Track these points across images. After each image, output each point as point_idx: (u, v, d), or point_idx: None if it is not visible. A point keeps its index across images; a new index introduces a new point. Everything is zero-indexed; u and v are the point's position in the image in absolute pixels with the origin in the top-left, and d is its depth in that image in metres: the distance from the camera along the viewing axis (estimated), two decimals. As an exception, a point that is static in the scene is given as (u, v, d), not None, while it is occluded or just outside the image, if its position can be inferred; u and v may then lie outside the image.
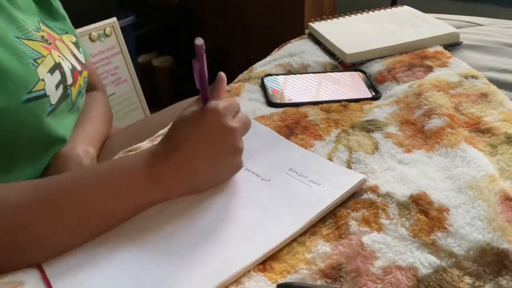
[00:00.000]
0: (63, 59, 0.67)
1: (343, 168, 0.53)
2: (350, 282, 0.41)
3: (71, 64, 0.69)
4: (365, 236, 0.45)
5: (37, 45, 0.63)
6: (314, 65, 0.82)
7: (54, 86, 0.63)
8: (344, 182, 0.50)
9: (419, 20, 0.91)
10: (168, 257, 0.43)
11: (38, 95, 0.59)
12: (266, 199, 0.49)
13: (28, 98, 0.58)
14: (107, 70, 1.61)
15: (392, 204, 0.48)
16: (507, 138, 0.56)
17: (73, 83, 0.68)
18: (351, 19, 0.96)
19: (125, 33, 1.66)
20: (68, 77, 0.67)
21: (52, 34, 0.70)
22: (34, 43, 0.63)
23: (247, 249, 0.43)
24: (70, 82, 0.67)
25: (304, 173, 0.52)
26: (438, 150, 0.55)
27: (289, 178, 0.52)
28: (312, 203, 0.47)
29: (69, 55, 0.70)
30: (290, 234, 0.44)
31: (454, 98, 0.65)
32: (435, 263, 0.41)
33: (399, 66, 0.76)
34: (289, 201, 0.48)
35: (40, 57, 0.62)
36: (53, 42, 0.68)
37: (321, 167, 0.53)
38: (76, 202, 0.44)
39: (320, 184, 0.50)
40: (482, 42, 0.83)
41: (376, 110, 0.66)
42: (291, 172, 0.53)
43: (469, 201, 0.47)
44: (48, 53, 0.64)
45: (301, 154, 0.56)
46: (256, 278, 0.42)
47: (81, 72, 0.72)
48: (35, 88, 0.59)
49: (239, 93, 0.73)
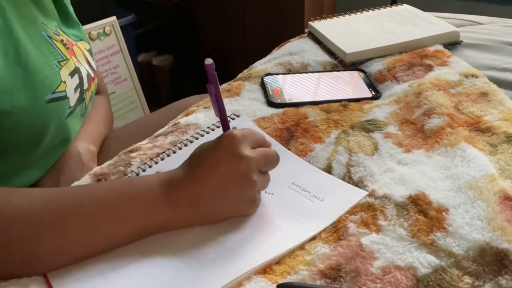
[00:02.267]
0: (80, 64, 0.69)
1: (345, 184, 0.53)
2: (349, 282, 0.41)
3: (86, 70, 0.70)
4: (363, 237, 0.45)
5: (62, 47, 0.64)
6: (314, 64, 0.82)
7: (73, 89, 0.64)
8: (347, 199, 0.50)
9: (419, 19, 0.91)
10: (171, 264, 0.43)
11: (60, 96, 0.60)
12: (269, 212, 0.49)
13: (51, 98, 0.58)
14: (107, 69, 1.61)
15: (390, 205, 0.48)
16: (507, 137, 0.56)
17: (88, 88, 0.70)
18: (351, 18, 0.96)
19: (125, 32, 1.66)
20: (85, 82, 0.68)
21: (69, 40, 0.71)
22: (60, 45, 0.64)
23: (248, 258, 0.43)
24: (86, 87, 0.68)
25: (307, 187, 0.52)
26: (438, 149, 0.55)
27: (292, 193, 0.51)
28: (314, 221, 0.47)
29: (83, 61, 0.72)
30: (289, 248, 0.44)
31: (454, 97, 0.65)
32: (434, 263, 0.41)
33: (399, 65, 0.76)
34: (291, 217, 0.48)
35: (64, 59, 0.63)
36: (70, 47, 0.69)
37: (323, 181, 0.53)
38: (89, 219, 0.43)
39: (323, 200, 0.50)
40: (482, 41, 0.83)
41: (376, 110, 0.66)
42: (294, 186, 0.52)
43: (468, 201, 0.47)
44: (70, 57, 0.65)
45: (304, 167, 0.56)
46: (256, 279, 0.42)
47: (94, 79, 0.73)
48: (58, 89, 0.60)
49: (239, 93, 0.73)
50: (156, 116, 0.86)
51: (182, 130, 0.64)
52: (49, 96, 0.58)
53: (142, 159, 0.58)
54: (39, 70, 0.57)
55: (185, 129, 0.64)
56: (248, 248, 0.44)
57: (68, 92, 0.62)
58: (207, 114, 0.67)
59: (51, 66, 0.60)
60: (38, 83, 0.56)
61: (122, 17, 1.70)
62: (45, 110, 0.58)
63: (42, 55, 0.59)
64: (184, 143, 0.60)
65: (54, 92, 0.59)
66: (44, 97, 0.57)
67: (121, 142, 0.69)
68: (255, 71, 0.80)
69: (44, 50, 0.60)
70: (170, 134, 0.63)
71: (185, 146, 0.60)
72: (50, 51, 0.61)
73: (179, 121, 0.67)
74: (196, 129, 0.64)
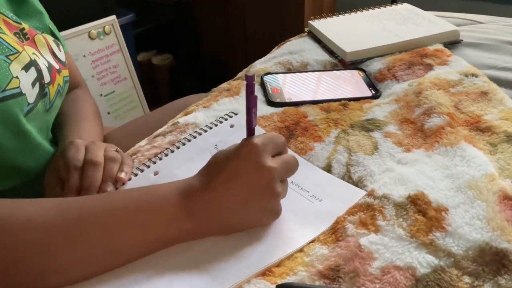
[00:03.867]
0: (38, 56, 0.63)
1: (344, 183, 0.53)
2: (348, 282, 0.41)
3: (47, 61, 0.65)
4: (362, 238, 0.45)
5: (12, 40, 0.59)
6: (314, 63, 0.81)
7: (30, 84, 0.58)
8: (346, 199, 0.50)
9: (419, 18, 0.91)
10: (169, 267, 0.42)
11: (13, 93, 0.55)
12: None
13: (2, 96, 0.54)
14: (107, 68, 1.61)
15: (389, 205, 0.48)
16: (507, 137, 0.56)
17: (51, 81, 0.64)
18: (351, 17, 0.96)
19: (125, 31, 1.66)
20: (46, 75, 0.63)
21: (31, 29, 0.66)
22: (9, 38, 0.58)
23: (247, 262, 0.43)
24: (47, 81, 0.63)
25: (306, 187, 0.52)
26: (438, 149, 0.55)
27: (291, 192, 0.51)
28: (313, 224, 0.47)
29: (46, 52, 0.66)
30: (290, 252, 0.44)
31: (454, 96, 0.65)
32: (434, 262, 0.41)
33: (399, 65, 0.75)
34: (291, 220, 0.48)
35: (14, 53, 0.57)
36: (31, 37, 0.64)
37: (322, 181, 0.53)
38: (104, 227, 0.42)
39: (322, 200, 0.50)
40: (482, 40, 0.83)
41: (376, 109, 0.66)
42: (293, 185, 0.52)
43: (468, 201, 0.47)
44: (22, 49, 0.59)
45: (303, 166, 0.55)
46: (255, 281, 0.42)
47: (60, 71, 0.67)
48: (8, 86, 0.55)
49: (238, 92, 0.72)
50: (155, 116, 0.85)
51: (181, 130, 0.63)
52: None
53: (140, 160, 0.58)
54: None
55: (184, 128, 0.64)
56: (247, 253, 0.44)
57: (23, 88, 0.56)
58: (206, 114, 0.67)
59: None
60: None
61: (122, 16, 1.69)
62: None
63: None
64: (182, 142, 0.60)
65: (4, 90, 0.54)
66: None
67: (120, 141, 0.69)
68: (254, 70, 0.79)
69: None
70: (169, 133, 0.63)
71: (183, 145, 0.60)
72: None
73: (178, 120, 0.66)
74: (195, 129, 0.63)
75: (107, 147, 0.56)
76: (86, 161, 0.53)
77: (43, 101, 0.62)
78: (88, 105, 0.76)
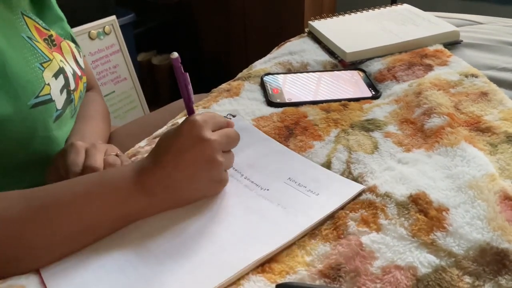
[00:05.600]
0: (65, 63, 0.66)
1: (342, 178, 0.53)
2: (349, 282, 0.41)
3: (72, 69, 0.68)
4: (364, 236, 0.45)
5: (43, 47, 0.61)
6: (314, 63, 0.82)
7: (59, 90, 0.62)
8: (343, 193, 0.50)
9: (419, 18, 0.91)
10: (163, 262, 0.43)
11: (44, 100, 0.58)
12: (264, 208, 0.49)
13: (35, 102, 0.56)
14: (107, 68, 1.61)
15: (391, 204, 0.48)
16: (507, 137, 0.56)
17: (75, 88, 0.67)
18: (351, 18, 0.96)
19: (125, 31, 1.66)
20: (71, 82, 0.66)
21: (58, 36, 0.68)
22: (41, 45, 0.61)
23: (243, 254, 0.43)
24: (73, 87, 0.66)
25: (303, 182, 0.52)
26: (438, 149, 0.55)
27: (288, 188, 0.51)
28: (309, 213, 0.47)
29: (71, 59, 0.69)
30: (285, 241, 0.44)
31: (454, 97, 0.65)
32: (435, 262, 0.41)
33: (399, 65, 0.76)
34: (287, 211, 0.48)
35: (46, 60, 0.60)
36: (58, 43, 0.66)
37: (320, 176, 0.53)
38: (69, 210, 0.45)
39: (319, 194, 0.50)
40: (482, 40, 0.83)
41: (376, 109, 0.66)
42: (290, 181, 0.52)
43: (468, 201, 0.47)
44: (53, 57, 0.63)
45: (300, 162, 0.56)
46: (255, 278, 0.42)
47: (81, 77, 0.71)
48: (41, 92, 0.58)
49: (238, 93, 0.72)
50: (155, 116, 0.85)
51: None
52: (32, 101, 0.56)
53: (139, 160, 0.58)
54: (19, 75, 0.55)
55: (185, 128, 0.64)
56: (242, 245, 0.44)
57: (53, 95, 0.60)
58: (206, 114, 0.67)
59: (33, 69, 0.57)
60: (19, 88, 0.55)
61: (121, 16, 1.70)
62: (30, 116, 0.56)
63: (23, 58, 0.57)
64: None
65: (37, 96, 0.57)
66: (27, 102, 0.55)
67: (120, 142, 0.69)
68: (254, 70, 0.79)
69: (25, 53, 0.57)
70: (170, 133, 0.63)
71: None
72: (31, 53, 0.58)
73: (178, 121, 0.66)
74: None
75: (108, 151, 0.58)
76: (85, 167, 0.54)
77: (69, 107, 0.66)
78: (96, 105, 0.78)
